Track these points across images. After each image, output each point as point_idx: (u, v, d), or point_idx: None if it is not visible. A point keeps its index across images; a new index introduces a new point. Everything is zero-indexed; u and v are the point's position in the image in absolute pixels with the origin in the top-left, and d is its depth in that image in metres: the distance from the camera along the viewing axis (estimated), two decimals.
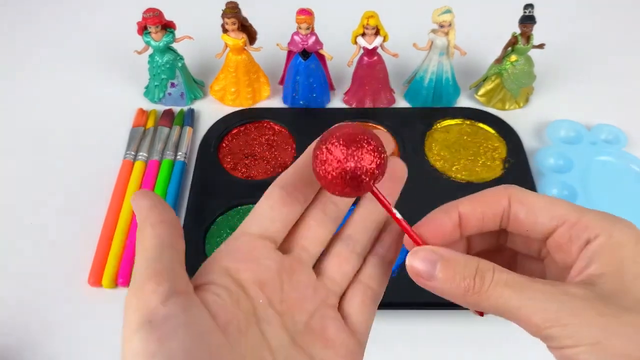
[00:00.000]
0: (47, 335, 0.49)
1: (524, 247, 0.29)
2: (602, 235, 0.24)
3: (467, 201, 0.28)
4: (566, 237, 0.25)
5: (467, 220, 0.27)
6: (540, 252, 0.28)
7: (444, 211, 0.28)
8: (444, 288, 0.25)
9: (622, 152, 0.60)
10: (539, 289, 0.23)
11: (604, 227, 0.25)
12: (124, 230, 0.54)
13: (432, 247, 0.26)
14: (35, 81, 0.70)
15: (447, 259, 0.26)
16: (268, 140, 0.62)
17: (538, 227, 0.26)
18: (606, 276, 0.24)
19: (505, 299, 0.24)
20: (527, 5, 0.59)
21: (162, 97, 0.66)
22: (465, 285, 0.25)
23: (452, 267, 0.25)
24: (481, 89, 0.66)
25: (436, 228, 0.28)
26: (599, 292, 0.23)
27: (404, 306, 0.49)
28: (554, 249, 0.26)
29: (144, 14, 0.60)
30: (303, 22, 0.58)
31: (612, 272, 0.24)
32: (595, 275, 0.24)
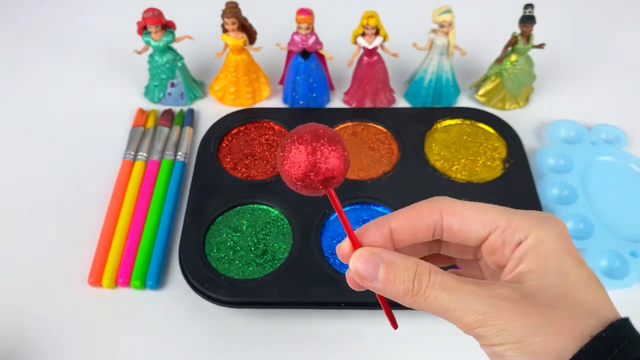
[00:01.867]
0: (47, 335, 0.49)
1: (458, 253, 0.30)
2: (531, 235, 0.26)
3: (399, 215, 0.29)
4: (499, 242, 0.27)
5: (399, 234, 0.28)
6: (476, 255, 0.30)
7: (376, 225, 0.29)
8: (385, 290, 0.27)
9: (622, 152, 0.60)
10: (471, 291, 0.25)
11: (533, 227, 0.26)
12: (124, 230, 0.54)
13: (373, 249, 0.27)
14: (35, 81, 0.70)
15: (388, 261, 0.27)
16: (268, 140, 0.62)
17: (472, 236, 0.28)
18: (532, 273, 0.26)
19: (440, 301, 0.26)
20: (527, 5, 0.59)
21: (162, 97, 0.66)
22: (405, 288, 0.26)
23: (393, 270, 0.26)
24: (481, 88, 0.66)
25: (369, 242, 0.28)
26: (525, 291, 0.25)
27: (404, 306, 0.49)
28: (488, 253, 0.28)
29: (144, 14, 0.60)
30: (303, 22, 0.58)
31: (537, 268, 0.26)
32: (523, 273, 0.26)
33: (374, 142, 0.61)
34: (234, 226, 0.54)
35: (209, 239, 0.53)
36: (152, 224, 0.54)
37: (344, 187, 0.56)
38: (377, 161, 0.59)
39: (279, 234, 0.53)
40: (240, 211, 0.55)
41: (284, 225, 0.54)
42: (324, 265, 0.50)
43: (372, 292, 0.42)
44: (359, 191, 0.56)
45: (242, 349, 0.48)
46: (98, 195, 0.57)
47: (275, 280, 0.49)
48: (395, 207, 0.54)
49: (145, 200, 0.56)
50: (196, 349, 0.48)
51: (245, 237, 0.53)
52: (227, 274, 0.50)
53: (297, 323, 0.49)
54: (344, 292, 0.48)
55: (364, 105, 0.65)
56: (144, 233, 0.54)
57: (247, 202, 0.55)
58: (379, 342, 0.49)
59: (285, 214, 0.54)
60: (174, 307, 0.50)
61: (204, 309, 0.49)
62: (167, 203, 0.56)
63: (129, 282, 0.51)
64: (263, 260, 0.51)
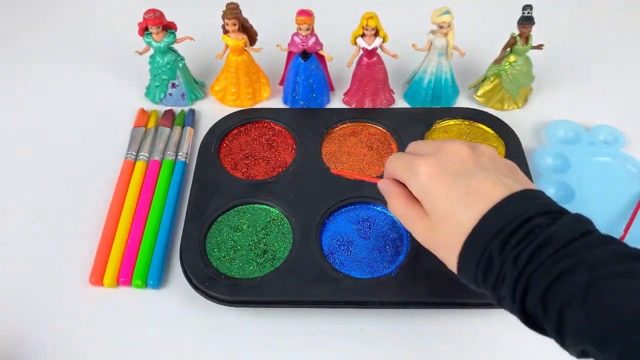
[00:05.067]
0: (48, 335, 0.49)
1: None
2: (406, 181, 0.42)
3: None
4: None
5: None
6: None
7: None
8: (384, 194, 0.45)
9: (620, 153, 0.60)
10: (404, 204, 0.42)
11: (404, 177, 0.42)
12: (126, 230, 0.54)
13: (379, 182, 0.46)
14: (36, 81, 0.71)
15: (380, 185, 0.46)
16: (268, 140, 0.62)
17: None
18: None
19: (393, 210, 0.44)
20: (526, 6, 0.59)
21: (163, 98, 0.66)
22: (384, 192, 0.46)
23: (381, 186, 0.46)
24: (480, 89, 0.66)
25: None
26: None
27: (404, 305, 0.49)
28: None
29: (145, 15, 0.60)
30: (303, 23, 0.59)
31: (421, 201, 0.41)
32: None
33: (373, 142, 0.62)
34: (234, 226, 0.54)
35: (210, 238, 0.53)
36: (154, 223, 0.55)
37: (344, 187, 0.56)
38: (377, 161, 0.60)
39: (279, 234, 0.53)
40: (241, 211, 0.55)
41: (284, 224, 0.54)
42: (324, 265, 0.51)
43: (372, 292, 0.49)
44: (358, 191, 0.56)
45: (243, 347, 0.49)
46: (100, 195, 0.58)
47: (276, 280, 0.50)
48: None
49: (147, 200, 0.57)
50: (197, 347, 0.49)
51: (245, 237, 0.53)
52: (227, 273, 0.51)
53: (297, 322, 0.50)
54: (344, 291, 0.49)
55: (364, 105, 0.65)
56: (145, 232, 0.54)
57: (248, 202, 0.56)
58: (379, 341, 0.49)
59: (285, 213, 0.55)
60: (175, 306, 0.51)
61: (205, 307, 0.50)
62: (168, 203, 0.57)
63: (130, 281, 0.51)
64: (263, 259, 0.52)
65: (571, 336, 0.32)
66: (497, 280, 0.35)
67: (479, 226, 0.36)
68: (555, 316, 0.32)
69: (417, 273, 0.50)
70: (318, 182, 0.57)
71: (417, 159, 0.41)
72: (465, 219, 0.36)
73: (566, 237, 0.33)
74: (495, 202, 0.36)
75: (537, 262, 0.33)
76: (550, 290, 0.32)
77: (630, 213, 0.55)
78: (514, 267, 0.34)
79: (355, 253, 0.52)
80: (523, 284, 0.33)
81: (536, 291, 0.33)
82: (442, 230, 0.38)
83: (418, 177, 0.40)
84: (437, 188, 0.38)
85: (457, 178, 0.38)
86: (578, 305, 0.31)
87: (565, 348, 0.33)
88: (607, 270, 0.31)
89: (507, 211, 0.35)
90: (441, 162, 0.39)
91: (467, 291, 0.49)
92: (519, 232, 0.34)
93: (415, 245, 0.52)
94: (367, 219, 0.55)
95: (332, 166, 0.59)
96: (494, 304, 0.49)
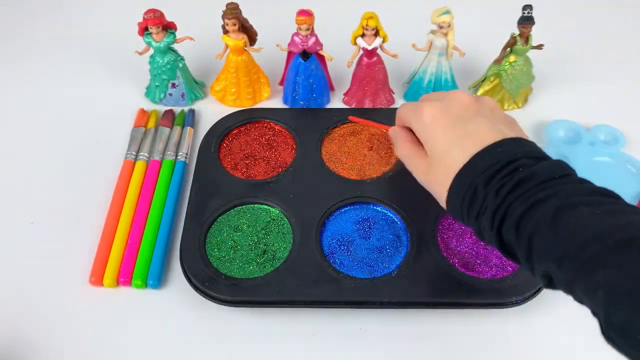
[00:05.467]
0: (48, 335, 0.49)
1: None
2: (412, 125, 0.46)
3: None
4: None
5: None
6: None
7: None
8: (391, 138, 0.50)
9: (620, 153, 0.60)
10: (411, 148, 0.46)
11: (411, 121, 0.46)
12: (125, 230, 0.54)
13: (391, 129, 0.50)
14: (36, 81, 0.71)
15: (391, 132, 0.50)
16: (268, 140, 0.62)
17: None
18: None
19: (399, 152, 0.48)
20: (526, 6, 0.59)
21: (163, 98, 0.66)
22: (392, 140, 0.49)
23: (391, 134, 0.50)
24: (480, 89, 0.66)
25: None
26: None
27: (404, 305, 0.49)
28: None
29: (145, 15, 0.60)
30: (303, 23, 0.59)
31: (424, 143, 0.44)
32: None
33: (373, 142, 0.62)
34: (234, 226, 0.54)
35: (210, 238, 0.53)
36: (154, 223, 0.55)
37: (344, 187, 0.56)
38: (377, 161, 0.60)
39: (279, 234, 0.53)
40: (241, 211, 0.55)
41: (284, 224, 0.54)
42: (324, 265, 0.51)
43: (372, 292, 0.49)
44: (358, 191, 0.56)
45: (243, 347, 0.49)
46: (99, 195, 0.58)
47: (276, 280, 0.50)
48: (395, 207, 0.54)
49: (147, 199, 0.57)
50: (197, 347, 0.49)
51: (245, 237, 0.53)
52: (227, 273, 0.51)
53: (297, 322, 0.50)
54: (344, 291, 0.49)
55: (364, 105, 0.65)
56: (145, 232, 0.54)
57: (248, 202, 0.56)
58: (379, 341, 0.49)
59: (285, 213, 0.55)
60: (175, 306, 0.51)
61: (205, 307, 0.50)
62: (168, 203, 0.57)
63: (130, 281, 0.51)
64: (263, 259, 0.52)
65: (538, 259, 0.35)
66: (480, 212, 0.38)
67: (469, 163, 0.39)
68: (526, 241, 0.35)
69: (417, 273, 0.50)
70: (318, 182, 0.57)
71: (423, 103, 0.44)
72: (459, 157, 0.40)
73: (546, 175, 0.36)
74: (488, 144, 0.39)
75: (516, 195, 0.36)
76: (523, 217, 0.35)
77: None
78: (495, 198, 0.37)
79: (355, 253, 0.52)
80: (501, 212, 0.36)
81: (511, 218, 0.36)
82: (438, 168, 0.42)
83: (422, 119, 0.43)
84: (437, 128, 0.42)
85: (457, 121, 0.42)
86: (545, 229, 0.34)
87: (533, 273, 0.36)
88: (574, 199, 0.35)
89: (497, 152, 0.39)
90: (444, 106, 0.43)
91: (467, 291, 0.49)
92: (504, 169, 0.37)
93: (415, 245, 0.52)
94: (367, 219, 0.55)
95: (333, 167, 0.59)
96: (494, 304, 0.49)
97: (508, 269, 0.51)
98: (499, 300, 0.48)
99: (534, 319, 0.50)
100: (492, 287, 0.49)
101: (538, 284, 0.49)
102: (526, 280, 0.49)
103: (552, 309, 0.50)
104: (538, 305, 0.50)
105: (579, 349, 0.48)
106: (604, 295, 0.30)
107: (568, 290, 0.34)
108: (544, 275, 0.35)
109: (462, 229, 0.53)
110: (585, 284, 0.32)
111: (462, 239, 0.53)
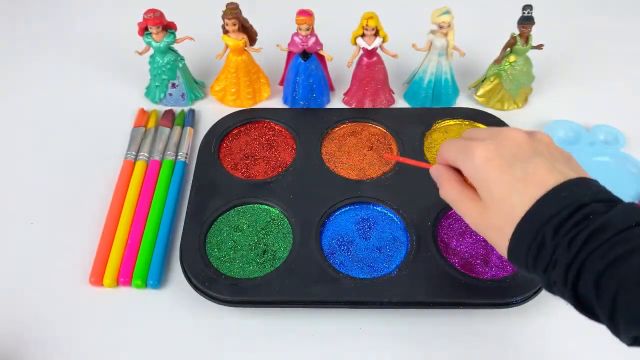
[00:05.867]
0: (48, 335, 0.49)
1: None
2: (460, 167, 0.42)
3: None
4: None
5: None
6: None
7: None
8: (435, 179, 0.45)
9: (620, 153, 0.60)
10: (459, 189, 0.42)
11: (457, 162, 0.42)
12: (125, 230, 0.54)
13: (432, 168, 0.46)
14: (36, 81, 0.71)
15: (432, 171, 0.45)
16: (268, 140, 0.62)
17: None
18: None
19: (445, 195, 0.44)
20: (526, 6, 0.59)
21: (163, 98, 0.66)
22: (436, 179, 0.45)
23: (434, 172, 0.45)
24: (480, 89, 0.66)
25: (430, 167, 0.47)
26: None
27: (404, 305, 0.49)
28: None
29: (145, 15, 0.60)
30: (303, 23, 0.59)
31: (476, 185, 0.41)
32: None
33: (373, 142, 0.62)
34: (234, 226, 0.54)
35: (210, 238, 0.53)
36: (154, 223, 0.55)
37: (344, 187, 0.56)
38: (377, 161, 0.60)
39: (279, 234, 0.53)
40: (241, 211, 0.55)
41: (284, 224, 0.54)
42: (324, 265, 0.51)
43: (372, 292, 0.49)
44: (358, 191, 0.56)
45: (243, 347, 0.49)
46: (99, 195, 0.58)
47: (276, 280, 0.50)
48: (395, 207, 0.54)
49: (147, 199, 0.57)
50: (197, 347, 0.49)
51: (245, 237, 0.53)
52: (227, 273, 0.51)
53: (297, 322, 0.50)
54: (344, 291, 0.49)
55: (364, 105, 0.65)
56: (145, 232, 0.54)
57: (248, 202, 0.56)
58: (379, 341, 0.49)
59: (285, 213, 0.55)
60: (175, 306, 0.51)
61: (205, 307, 0.50)
62: (168, 203, 0.57)
63: (130, 281, 0.51)
64: (263, 259, 0.52)
65: (624, 321, 0.32)
66: (549, 265, 0.35)
67: (533, 210, 0.36)
68: (609, 300, 0.32)
69: (417, 273, 0.50)
70: (318, 182, 0.57)
71: (473, 142, 0.41)
72: (519, 203, 0.37)
73: (622, 224, 0.33)
74: (550, 188, 0.36)
75: (592, 247, 0.33)
76: (605, 275, 0.32)
77: None
78: (567, 251, 0.34)
79: (355, 253, 0.52)
80: (576, 268, 0.33)
81: (590, 275, 0.33)
82: (494, 214, 0.38)
83: (474, 161, 0.40)
84: (493, 171, 0.39)
85: (513, 162, 0.38)
86: (633, 289, 0.31)
87: (618, 335, 0.33)
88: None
89: (562, 197, 0.35)
90: (497, 146, 0.40)
91: (467, 291, 0.49)
92: (573, 217, 0.34)
93: (415, 245, 0.52)
94: (367, 219, 0.55)
95: (333, 167, 0.59)
96: (494, 304, 0.49)
97: (508, 269, 0.51)
98: (499, 300, 0.48)
99: (534, 319, 0.50)
100: (492, 287, 0.49)
101: (538, 284, 0.49)
102: (526, 280, 0.49)
103: (552, 309, 0.50)
104: (538, 305, 0.50)
105: (579, 349, 0.48)
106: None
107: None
108: (634, 338, 0.32)
109: (462, 229, 0.53)
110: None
111: (462, 239, 0.53)
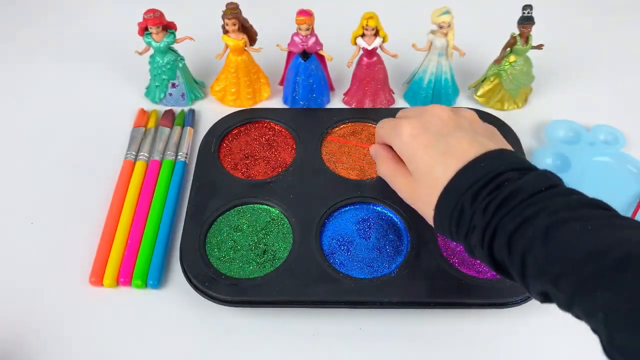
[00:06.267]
0: (48, 335, 0.49)
1: None
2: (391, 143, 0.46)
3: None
4: None
5: None
6: None
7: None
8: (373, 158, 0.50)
9: (620, 153, 0.60)
10: (392, 167, 0.46)
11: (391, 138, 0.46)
12: (125, 230, 0.54)
13: (371, 147, 0.50)
14: (36, 81, 0.71)
15: (371, 150, 0.50)
16: (268, 140, 0.62)
17: None
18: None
19: (381, 171, 0.48)
20: (526, 6, 0.59)
21: (163, 98, 0.66)
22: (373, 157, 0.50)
23: (372, 152, 0.50)
24: (480, 89, 0.66)
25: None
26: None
27: (404, 305, 0.49)
28: None
29: (145, 15, 0.60)
30: (303, 23, 0.59)
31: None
32: None
33: (373, 142, 0.61)
34: (234, 226, 0.54)
35: (210, 238, 0.53)
36: (154, 223, 0.55)
37: (344, 187, 0.56)
38: None
39: (279, 234, 0.53)
40: (241, 211, 0.55)
41: (284, 224, 0.54)
42: (324, 265, 0.51)
43: (372, 292, 0.50)
44: (358, 191, 0.56)
45: (243, 347, 0.49)
46: (99, 195, 0.58)
47: (276, 280, 0.50)
48: (395, 207, 0.54)
49: (147, 199, 0.57)
50: (197, 347, 0.49)
51: (245, 237, 0.53)
52: (227, 273, 0.51)
53: (297, 322, 0.50)
54: (344, 291, 0.49)
55: (364, 105, 0.65)
56: (145, 232, 0.54)
57: (248, 202, 0.56)
58: (379, 341, 0.49)
59: (285, 213, 0.55)
60: (175, 306, 0.51)
61: (205, 307, 0.50)
62: (168, 203, 0.57)
63: (130, 281, 0.51)
64: (263, 259, 0.52)
65: (532, 277, 0.34)
66: (469, 230, 0.38)
67: (453, 180, 0.39)
68: (519, 259, 0.35)
69: (417, 273, 0.50)
70: (318, 182, 0.57)
71: (401, 121, 0.44)
72: (442, 174, 0.39)
73: (532, 189, 0.36)
74: (471, 159, 0.39)
75: (505, 211, 0.36)
76: (514, 236, 0.35)
77: (630, 213, 0.55)
78: (483, 216, 0.36)
79: (355, 253, 0.52)
80: (491, 231, 0.36)
81: (502, 237, 0.36)
82: (422, 186, 0.41)
83: (401, 137, 0.43)
84: (418, 146, 0.42)
85: (437, 137, 0.41)
86: (538, 247, 0.34)
87: (529, 291, 0.36)
88: (565, 215, 0.34)
89: (480, 167, 0.38)
90: (423, 122, 0.43)
91: (467, 291, 0.49)
92: (489, 185, 0.37)
93: (415, 245, 0.52)
94: (367, 219, 0.55)
95: (333, 167, 0.59)
96: (494, 304, 0.49)
97: None
98: (499, 300, 0.48)
99: (534, 319, 0.50)
100: (492, 287, 0.49)
101: None
102: None
103: (552, 308, 0.49)
104: (538, 305, 0.49)
105: (579, 349, 0.48)
106: (605, 317, 0.30)
107: (566, 309, 0.34)
108: (540, 293, 0.35)
109: None
110: (584, 306, 0.32)
111: None
